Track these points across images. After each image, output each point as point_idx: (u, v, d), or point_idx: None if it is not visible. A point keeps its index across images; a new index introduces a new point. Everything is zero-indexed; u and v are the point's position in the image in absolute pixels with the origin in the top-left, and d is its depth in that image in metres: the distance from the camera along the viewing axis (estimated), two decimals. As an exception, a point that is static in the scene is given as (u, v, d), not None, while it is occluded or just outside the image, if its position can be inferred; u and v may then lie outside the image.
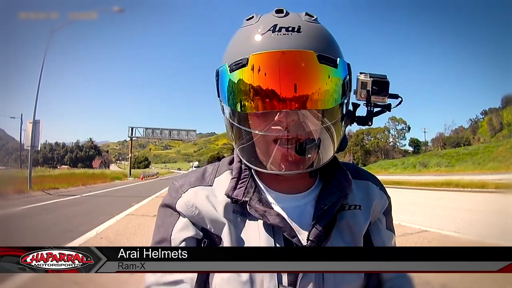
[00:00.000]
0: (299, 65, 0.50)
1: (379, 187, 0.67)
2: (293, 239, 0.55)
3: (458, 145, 54.59)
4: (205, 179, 0.63)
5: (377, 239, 0.63)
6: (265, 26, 0.53)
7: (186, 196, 0.60)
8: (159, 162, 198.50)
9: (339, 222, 0.59)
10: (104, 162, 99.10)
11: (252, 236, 0.57)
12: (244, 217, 0.58)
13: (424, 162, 44.47)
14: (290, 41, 0.51)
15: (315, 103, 0.51)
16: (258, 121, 0.53)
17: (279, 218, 0.55)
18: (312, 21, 0.55)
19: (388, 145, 65.72)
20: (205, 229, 0.59)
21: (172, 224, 0.59)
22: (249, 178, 0.60)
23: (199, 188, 0.61)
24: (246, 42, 0.54)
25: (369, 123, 0.60)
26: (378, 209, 0.65)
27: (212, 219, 0.58)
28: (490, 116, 57.55)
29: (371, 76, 0.58)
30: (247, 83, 0.51)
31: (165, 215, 0.62)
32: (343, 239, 0.59)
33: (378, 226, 0.65)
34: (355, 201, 0.61)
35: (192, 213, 0.59)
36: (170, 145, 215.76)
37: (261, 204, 0.57)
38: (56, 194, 13.32)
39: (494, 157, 35.12)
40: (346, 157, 62.91)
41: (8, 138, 72.20)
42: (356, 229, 0.60)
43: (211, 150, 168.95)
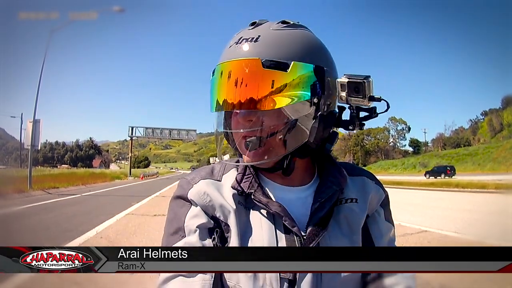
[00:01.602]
0: (243, 72, 0.56)
1: (375, 181, 0.69)
2: (293, 228, 0.58)
3: (458, 146, 54.64)
4: (214, 175, 0.67)
5: (375, 231, 0.66)
6: (234, 39, 0.60)
7: (198, 186, 0.64)
8: (159, 161, 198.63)
9: (337, 215, 0.62)
10: (104, 161, 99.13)
11: (255, 225, 0.61)
12: (248, 209, 0.62)
13: (424, 162, 44.52)
14: (243, 51, 0.58)
15: (258, 104, 0.56)
16: (222, 120, 0.65)
17: (281, 207, 0.59)
18: (282, 28, 0.59)
19: (388, 146, 65.76)
20: (215, 218, 0.62)
21: (184, 213, 0.62)
22: (253, 174, 0.64)
23: (210, 180, 0.65)
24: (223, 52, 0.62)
25: (350, 127, 0.61)
26: (375, 201, 0.67)
27: (222, 207, 0.61)
28: (490, 117, 57.58)
29: (349, 77, 0.59)
30: (210, 87, 0.61)
31: (177, 206, 0.64)
32: (341, 230, 0.61)
33: (375, 218, 0.67)
34: (351, 195, 0.64)
35: (203, 201, 0.62)
36: (170, 145, 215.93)
37: (264, 195, 0.61)
38: (56, 193, 13.33)
39: (494, 157, 35.15)
40: (346, 157, 62.95)
41: (8, 137, 72.30)
42: (353, 221, 0.63)
43: (211, 150, 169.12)
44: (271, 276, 0.56)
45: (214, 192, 0.63)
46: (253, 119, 0.58)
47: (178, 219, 0.62)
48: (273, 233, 0.59)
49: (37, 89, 15.28)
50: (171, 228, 0.62)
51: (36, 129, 14.82)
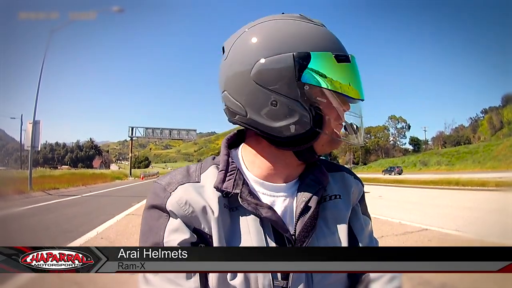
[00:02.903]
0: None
1: (353, 176, 0.70)
2: (285, 233, 0.56)
3: (458, 144, 54.63)
4: (191, 175, 0.60)
5: (357, 225, 0.66)
6: (320, 26, 0.59)
7: (176, 194, 0.57)
8: (159, 161, 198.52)
9: (323, 212, 0.61)
10: (105, 162, 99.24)
11: (243, 231, 0.57)
12: (233, 210, 0.58)
13: (424, 160, 44.52)
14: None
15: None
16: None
17: (271, 211, 0.56)
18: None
19: (389, 144, 65.78)
20: (197, 230, 0.56)
21: (162, 227, 0.56)
22: (236, 170, 0.59)
23: (188, 185, 0.58)
24: (330, 40, 0.58)
25: None
26: (356, 196, 0.67)
27: (205, 216, 0.56)
28: (490, 115, 57.61)
29: None
30: (353, 74, 0.58)
31: (152, 218, 0.57)
32: (328, 228, 0.60)
33: (356, 212, 0.67)
34: (334, 191, 0.64)
35: (185, 211, 0.56)
36: (171, 145, 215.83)
37: (251, 196, 0.57)
38: (56, 194, 13.34)
39: (494, 155, 35.15)
40: (347, 156, 62.94)
41: (8, 138, 72.31)
42: (339, 217, 0.62)
43: (211, 150, 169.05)
44: (264, 285, 0.54)
45: (195, 198, 0.56)
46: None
47: (155, 233, 0.55)
48: (262, 238, 0.56)
49: (37, 90, 15.31)
50: (148, 243, 0.55)
51: (36, 130, 14.82)
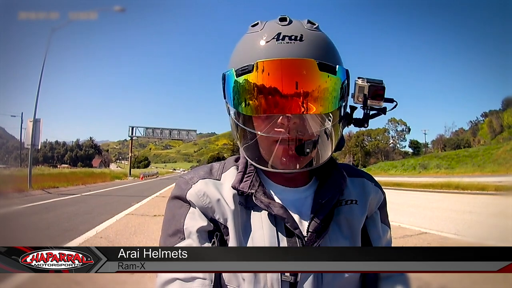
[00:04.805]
0: (301, 73, 0.54)
1: (374, 183, 0.70)
2: (295, 230, 0.58)
3: (458, 147, 54.57)
4: (213, 173, 0.65)
5: (373, 233, 0.66)
6: (270, 34, 0.56)
7: (196, 186, 0.62)
8: (159, 161, 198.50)
9: (337, 216, 0.62)
10: (104, 161, 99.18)
11: (256, 226, 0.60)
12: (248, 209, 0.61)
13: (424, 164, 44.45)
14: (293, 49, 0.54)
15: (315, 107, 0.55)
16: (262, 122, 0.57)
17: (283, 209, 0.59)
18: (314, 29, 0.58)
19: (388, 147, 65.73)
20: (214, 220, 0.61)
21: (183, 215, 0.61)
22: (254, 173, 0.63)
23: (209, 180, 0.64)
24: (252, 49, 0.57)
25: (365, 125, 0.63)
26: (374, 203, 0.68)
27: (221, 208, 0.60)
28: (490, 118, 57.57)
29: (368, 81, 0.61)
30: (252, 86, 0.55)
31: (175, 207, 0.63)
32: (341, 232, 0.62)
33: (374, 219, 0.68)
34: (351, 196, 0.65)
35: (202, 202, 0.61)
36: (170, 145, 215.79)
37: (266, 196, 0.60)
38: (56, 193, 13.32)
39: (494, 159, 35.11)
40: (346, 158, 62.93)
41: (8, 136, 72.30)
42: (353, 222, 0.63)
43: (211, 150, 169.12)
44: (272, 279, 0.56)
45: (213, 193, 0.61)
46: (315, 122, 0.56)
47: (177, 220, 0.61)
48: (274, 235, 0.58)
49: (38, 88, 15.29)
50: (170, 229, 0.61)
51: (36, 129, 14.82)
